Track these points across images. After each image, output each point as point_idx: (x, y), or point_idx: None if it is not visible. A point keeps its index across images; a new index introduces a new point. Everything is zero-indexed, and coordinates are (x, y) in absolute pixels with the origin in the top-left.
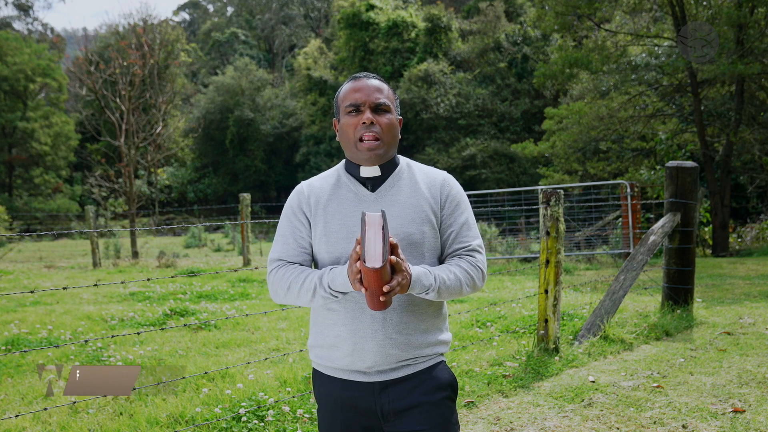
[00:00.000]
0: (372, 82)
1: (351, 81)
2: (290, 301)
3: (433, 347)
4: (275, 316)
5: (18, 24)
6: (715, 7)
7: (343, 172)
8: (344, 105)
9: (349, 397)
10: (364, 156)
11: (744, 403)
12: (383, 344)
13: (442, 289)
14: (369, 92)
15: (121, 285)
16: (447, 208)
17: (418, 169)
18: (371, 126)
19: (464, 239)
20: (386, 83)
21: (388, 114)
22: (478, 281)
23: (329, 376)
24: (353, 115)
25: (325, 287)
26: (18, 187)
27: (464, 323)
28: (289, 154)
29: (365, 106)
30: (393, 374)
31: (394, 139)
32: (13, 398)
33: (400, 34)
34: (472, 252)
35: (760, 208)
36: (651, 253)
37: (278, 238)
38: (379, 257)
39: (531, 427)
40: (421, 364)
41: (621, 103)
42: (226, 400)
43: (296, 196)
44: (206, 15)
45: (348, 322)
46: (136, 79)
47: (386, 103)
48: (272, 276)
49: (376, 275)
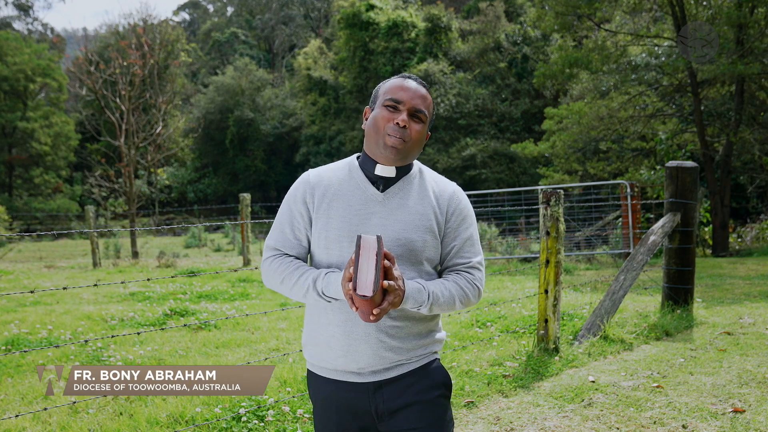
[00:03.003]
0: (420, 89)
1: (400, 78)
2: (282, 293)
3: (426, 347)
4: (275, 316)
5: (18, 24)
6: (715, 7)
7: (355, 166)
8: (385, 97)
9: (343, 398)
10: (384, 152)
11: (744, 403)
12: (376, 347)
13: (435, 305)
14: (413, 96)
15: (121, 285)
16: (453, 221)
17: (430, 177)
18: (403, 129)
19: (466, 255)
20: (430, 95)
21: (422, 124)
22: (472, 298)
23: (323, 377)
24: (390, 111)
25: (318, 291)
26: (18, 187)
27: (464, 323)
28: (289, 154)
29: (405, 106)
30: (387, 374)
31: (418, 149)
32: (13, 398)
33: (400, 34)
34: (471, 269)
35: (760, 208)
36: (651, 253)
37: (276, 225)
38: (369, 286)
39: (531, 427)
40: (414, 363)
41: (621, 103)
42: (226, 400)
43: (302, 186)
44: (206, 15)
45: (341, 323)
46: (136, 79)
47: (425, 113)
48: (266, 264)
49: (367, 301)
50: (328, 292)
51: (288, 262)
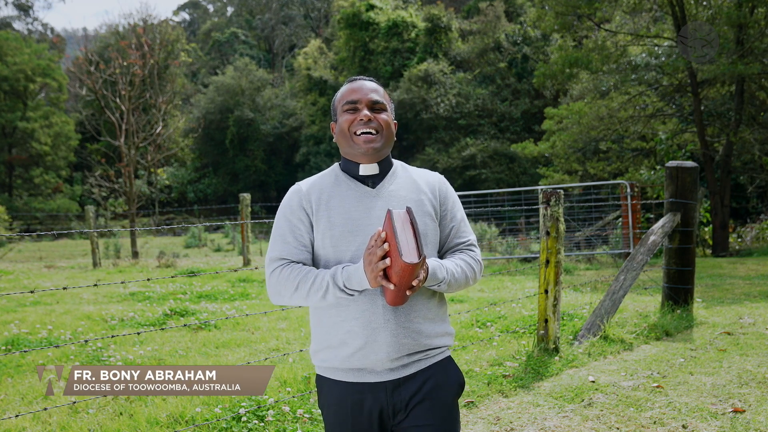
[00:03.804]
0: (368, 83)
1: (347, 83)
2: (295, 302)
3: (441, 338)
4: (275, 316)
5: (18, 24)
6: (715, 7)
7: (340, 172)
8: (342, 104)
9: (359, 400)
10: (361, 150)
11: (744, 403)
12: (396, 333)
13: (452, 282)
14: (366, 92)
15: (121, 285)
16: (447, 204)
17: (412, 170)
18: (369, 122)
19: (463, 234)
20: (381, 87)
21: (385, 112)
22: (478, 274)
23: (337, 380)
24: (350, 113)
25: (340, 286)
26: (18, 187)
27: (464, 323)
28: (289, 154)
29: (362, 103)
30: (404, 371)
31: (391, 137)
32: (13, 398)
33: (400, 34)
34: (471, 246)
35: (760, 208)
36: (651, 253)
37: (276, 238)
38: (414, 252)
39: (531, 427)
40: (431, 358)
41: (621, 103)
42: (226, 400)
43: (295, 195)
44: (206, 15)
45: (359, 314)
46: (136, 79)
47: (382, 101)
48: (275, 276)
49: (412, 270)
50: (350, 284)
51: (298, 268)
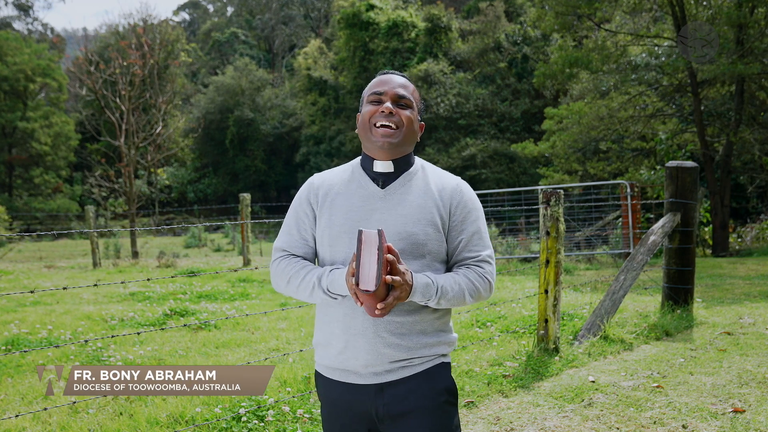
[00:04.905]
0: (398, 78)
1: (379, 75)
2: (290, 294)
3: (431, 348)
4: (275, 316)
5: (18, 24)
6: (715, 7)
7: (357, 166)
8: (368, 95)
9: (347, 400)
10: (377, 143)
11: (744, 403)
12: (374, 343)
13: (443, 299)
14: (393, 85)
15: (121, 285)
16: (457, 215)
17: (432, 172)
18: (390, 116)
19: (474, 248)
20: (412, 84)
21: (410, 109)
22: (483, 292)
23: (328, 378)
24: (374, 104)
25: (323, 288)
26: (18, 187)
27: (464, 323)
28: (289, 154)
29: (387, 96)
30: (389, 376)
31: (412, 135)
32: (13, 398)
33: (400, 34)
34: (481, 263)
35: (760, 208)
36: (651, 253)
37: (284, 228)
38: (372, 281)
39: (531, 427)
40: (418, 366)
41: (621, 103)
42: (226, 400)
43: (307, 188)
44: (206, 15)
45: (341, 318)
46: (136, 79)
47: (408, 98)
48: (274, 267)
49: (370, 296)
50: (333, 288)
51: (294, 261)
